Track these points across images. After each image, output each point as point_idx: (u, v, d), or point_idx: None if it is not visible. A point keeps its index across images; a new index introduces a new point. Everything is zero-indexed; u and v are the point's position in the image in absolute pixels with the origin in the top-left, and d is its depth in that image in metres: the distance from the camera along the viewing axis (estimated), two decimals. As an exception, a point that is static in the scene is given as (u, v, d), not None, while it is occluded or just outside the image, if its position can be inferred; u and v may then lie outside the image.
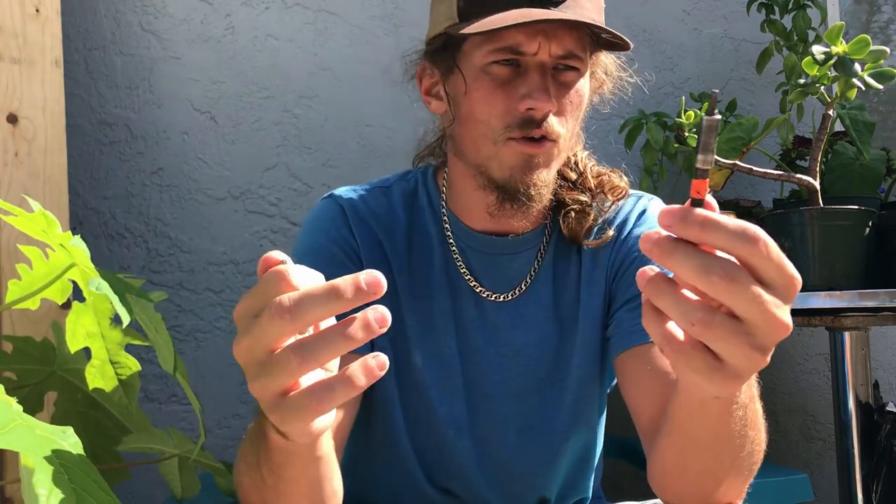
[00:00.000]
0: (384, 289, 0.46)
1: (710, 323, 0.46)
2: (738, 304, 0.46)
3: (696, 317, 0.46)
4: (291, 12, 1.76)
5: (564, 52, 0.85)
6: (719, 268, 0.45)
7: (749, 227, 0.46)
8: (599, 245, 0.96)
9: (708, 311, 0.46)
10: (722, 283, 0.45)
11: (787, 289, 0.47)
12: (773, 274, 0.46)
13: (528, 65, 0.85)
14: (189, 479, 0.87)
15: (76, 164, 1.59)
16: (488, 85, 0.86)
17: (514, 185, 0.87)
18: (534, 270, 0.98)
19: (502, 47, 0.84)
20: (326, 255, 0.94)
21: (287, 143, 1.74)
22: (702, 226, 0.45)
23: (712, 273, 0.45)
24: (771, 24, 1.85)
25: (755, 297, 0.45)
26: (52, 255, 0.70)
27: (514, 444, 0.96)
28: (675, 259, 0.46)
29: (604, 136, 1.90)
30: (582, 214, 0.95)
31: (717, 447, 0.68)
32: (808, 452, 2.12)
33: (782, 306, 0.47)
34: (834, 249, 1.45)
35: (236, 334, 0.49)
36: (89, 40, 1.64)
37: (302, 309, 0.45)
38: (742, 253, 0.45)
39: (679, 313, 0.47)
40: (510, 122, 0.85)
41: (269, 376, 0.47)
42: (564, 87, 0.87)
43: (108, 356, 0.72)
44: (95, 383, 0.70)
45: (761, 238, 0.45)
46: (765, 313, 0.46)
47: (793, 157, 1.74)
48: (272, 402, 0.48)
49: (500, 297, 0.96)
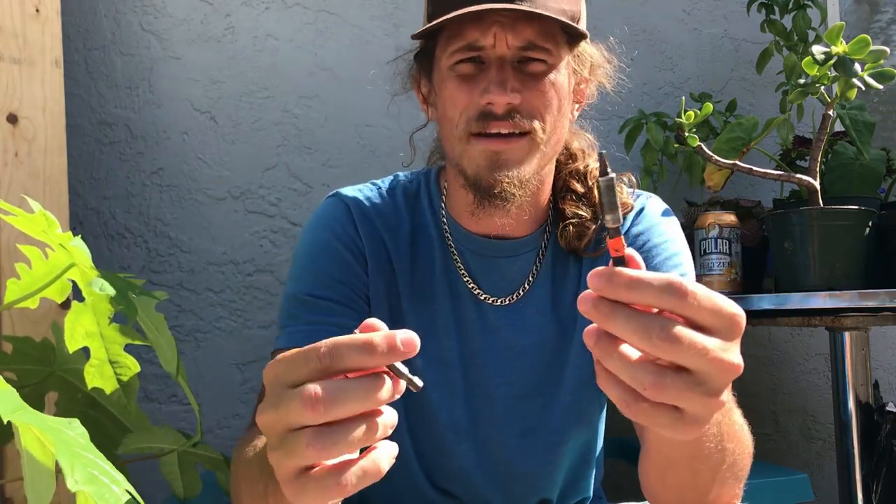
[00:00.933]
0: (417, 350, 0.46)
1: (661, 385, 0.46)
2: (684, 359, 0.46)
3: (648, 381, 0.46)
4: (291, 12, 1.76)
5: (524, 43, 0.84)
6: (658, 328, 0.45)
7: (674, 281, 0.46)
8: (599, 255, 0.96)
9: (657, 372, 0.46)
10: (663, 343, 0.45)
11: (730, 329, 0.47)
12: (711, 320, 0.46)
13: (490, 60, 0.85)
14: (191, 479, 0.87)
15: (76, 164, 1.60)
16: (453, 83, 0.87)
17: (484, 183, 0.87)
18: (533, 274, 0.97)
19: (462, 46, 0.85)
20: (332, 253, 0.94)
21: (287, 143, 1.74)
22: (628, 287, 0.46)
23: (651, 335, 0.45)
24: (771, 24, 1.85)
25: (698, 349, 0.45)
26: (51, 255, 0.70)
27: (514, 446, 0.96)
28: (615, 323, 0.46)
29: (604, 136, 1.90)
30: (581, 228, 0.95)
31: (694, 465, 0.69)
32: (808, 452, 2.12)
33: (729, 348, 0.47)
34: (834, 249, 1.45)
35: (265, 395, 0.47)
36: (89, 40, 1.64)
37: (337, 363, 0.45)
38: (673, 308, 0.46)
39: (630, 378, 0.47)
40: (471, 116, 0.85)
41: (286, 455, 0.46)
42: (532, 78, 0.86)
43: (108, 356, 0.72)
44: (94, 383, 0.70)
45: (688, 289, 0.45)
46: (712, 361, 0.46)
47: (793, 157, 1.74)
48: (289, 477, 0.47)
49: (500, 301, 0.96)
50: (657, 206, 1.01)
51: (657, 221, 0.98)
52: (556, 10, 0.84)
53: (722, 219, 1.63)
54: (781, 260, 1.53)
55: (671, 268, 0.93)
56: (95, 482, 0.44)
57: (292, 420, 0.45)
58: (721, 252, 1.62)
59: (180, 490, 0.86)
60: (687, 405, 0.47)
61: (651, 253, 0.94)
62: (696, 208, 1.83)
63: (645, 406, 0.48)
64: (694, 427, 0.49)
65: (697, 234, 1.65)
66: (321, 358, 0.45)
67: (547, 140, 0.88)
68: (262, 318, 1.69)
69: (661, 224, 0.98)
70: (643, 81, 2.02)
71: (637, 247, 0.95)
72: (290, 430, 0.46)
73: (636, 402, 0.48)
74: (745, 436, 0.75)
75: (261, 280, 1.70)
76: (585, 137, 1.03)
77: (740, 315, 0.48)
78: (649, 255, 0.94)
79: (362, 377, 0.46)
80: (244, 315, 1.69)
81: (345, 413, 0.45)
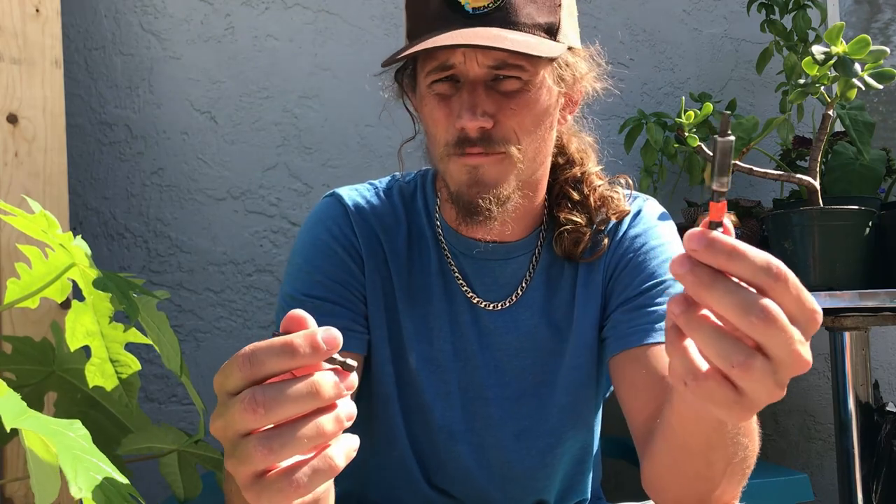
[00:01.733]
0: (339, 346, 0.45)
1: (749, 366, 0.45)
2: (771, 343, 0.45)
3: (738, 360, 0.45)
4: (291, 12, 1.76)
5: (496, 63, 0.83)
6: (759, 308, 0.44)
7: (773, 262, 0.45)
8: (595, 259, 0.96)
9: (749, 353, 0.45)
10: (760, 324, 0.44)
11: (809, 323, 0.47)
12: (795, 310, 0.46)
13: (464, 80, 0.84)
14: (191, 479, 0.87)
15: (76, 164, 1.60)
16: (432, 102, 0.87)
17: (465, 199, 0.86)
18: (527, 278, 0.97)
19: (436, 66, 0.85)
20: (328, 253, 0.94)
21: (287, 143, 1.74)
22: (729, 255, 0.45)
23: (751, 313, 0.44)
24: (771, 24, 1.85)
25: (788, 336, 0.45)
26: (51, 255, 0.70)
27: (510, 448, 0.96)
28: (715, 294, 0.45)
29: (604, 136, 1.90)
30: (577, 235, 0.95)
31: (710, 454, 0.68)
32: (808, 452, 2.12)
33: (805, 342, 0.46)
34: (834, 249, 1.45)
35: (217, 404, 0.47)
36: (89, 40, 1.64)
37: (258, 370, 0.44)
38: (766, 287, 0.45)
39: (719, 354, 0.46)
40: (449, 139, 0.85)
41: (239, 462, 0.45)
42: (506, 97, 0.84)
43: (108, 355, 0.72)
44: (95, 382, 0.70)
45: (785, 274, 0.45)
46: (792, 353, 0.46)
47: (792, 157, 1.74)
48: (246, 482, 0.46)
49: (494, 305, 0.96)
50: (654, 208, 1.01)
51: (654, 224, 0.98)
52: (529, 26, 0.82)
53: (722, 219, 1.63)
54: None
55: (668, 270, 0.93)
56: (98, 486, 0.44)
57: (238, 427, 0.45)
58: (721, 252, 1.62)
59: (180, 491, 0.85)
60: (755, 390, 0.47)
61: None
62: (696, 208, 1.83)
63: (710, 384, 0.47)
64: (748, 412, 0.48)
65: (697, 234, 1.65)
66: (241, 367, 0.45)
67: (524, 159, 0.86)
68: (262, 318, 1.69)
69: (658, 227, 0.98)
70: (643, 81, 2.02)
71: (634, 249, 0.95)
72: (239, 435, 0.45)
73: (704, 378, 0.47)
74: (757, 435, 0.75)
75: (261, 280, 1.70)
76: (584, 139, 1.02)
77: (820, 313, 0.47)
78: (646, 258, 0.94)
79: (302, 376, 0.45)
80: (244, 315, 1.69)
81: (287, 414, 0.44)
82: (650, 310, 0.90)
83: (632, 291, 0.92)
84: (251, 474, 0.46)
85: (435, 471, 0.98)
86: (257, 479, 0.46)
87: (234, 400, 0.45)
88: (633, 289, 0.92)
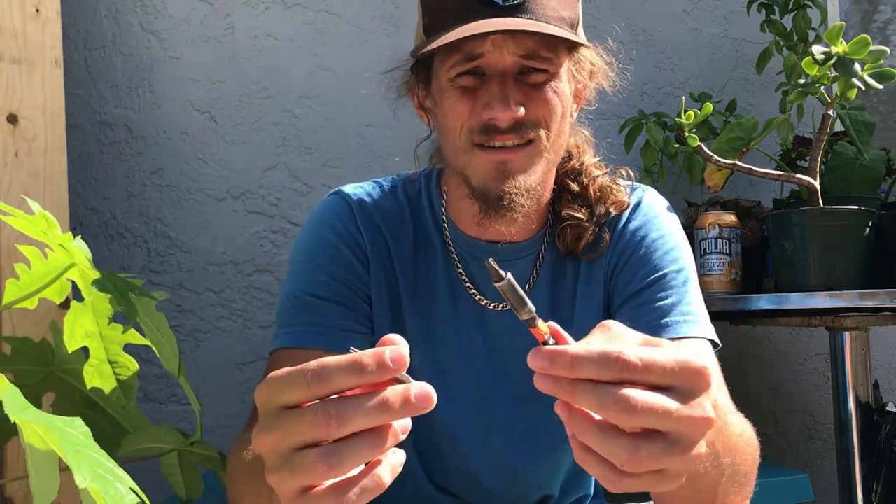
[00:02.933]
0: (406, 366, 0.46)
1: (637, 458, 0.46)
2: (647, 423, 0.46)
3: (623, 457, 0.46)
4: (291, 12, 1.76)
5: (526, 52, 0.83)
6: (612, 399, 0.45)
7: (611, 351, 0.46)
8: (597, 255, 0.96)
9: (631, 445, 0.46)
10: (620, 413, 0.45)
11: (692, 384, 0.47)
12: (667, 380, 0.46)
13: (492, 72, 0.84)
14: (192, 480, 0.86)
15: (76, 164, 1.60)
16: (454, 96, 0.86)
17: (491, 193, 0.86)
18: (532, 278, 0.97)
19: (461, 58, 0.84)
20: (332, 252, 0.94)
21: (287, 143, 1.74)
22: (570, 365, 0.46)
23: (607, 407, 0.45)
24: (771, 24, 1.85)
25: (659, 412, 0.45)
26: (51, 255, 0.70)
27: (515, 448, 0.96)
28: (579, 400, 0.46)
29: (603, 136, 1.89)
30: (579, 230, 0.94)
31: (692, 482, 0.68)
32: (808, 452, 2.12)
33: (695, 403, 0.46)
34: (834, 249, 1.45)
35: (259, 420, 0.47)
36: (89, 40, 1.64)
37: (326, 385, 0.45)
38: (617, 378, 0.46)
39: (608, 453, 0.47)
40: (473, 127, 0.84)
41: (291, 475, 0.45)
42: (534, 89, 0.85)
43: (107, 356, 0.71)
44: (93, 383, 0.70)
45: (625, 358, 0.46)
46: (678, 420, 0.46)
47: (792, 157, 1.74)
48: (291, 497, 0.46)
49: (500, 306, 0.96)
50: (654, 199, 1.00)
51: (654, 215, 0.97)
52: (555, 19, 0.83)
53: (722, 219, 1.63)
54: (781, 260, 1.53)
55: (670, 262, 0.92)
56: (101, 480, 0.44)
57: (299, 440, 0.45)
58: (721, 252, 1.62)
59: (182, 492, 0.85)
60: (665, 465, 0.47)
61: (649, 248, 0.93)
62: (696, 208, 1.83)
63: (629, 480, 0.47)
64: (676, 480, 0.49)
65: (697, 234, 1.65)
66: (310, 382, 0.45)
67: (550, 147, 0.87)
68: (262, 318, 1.70)
69: (659, 218, 0.97)
70: (643, 81, 2.02)
71: (635, 242, 0.94)
72: (294, 449, 0.45)
73: (621, 479, 0.47)
74: (746, 443, 0.74)
75: (261, 280, 1.70)
76: (581, 133, 1.02)
77: (700, 368, 0.47)
78: (647, 251, 0.93)
79: (371, 392, 0.45)
80: (244, 315, 1.69)
81: (356, 428, 0.45)
82: (655, 305, 0.89)
83: (635, 286, 0.92)
84: (299, 489, 0.46)
85: (439, 471, 0.98)
86: (303, 495, 0.46)
87: (298, 413, 0.45)
88: (637, 283, 0.92)
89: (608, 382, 0.46)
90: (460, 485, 0.97)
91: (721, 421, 0.67)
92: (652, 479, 0.48)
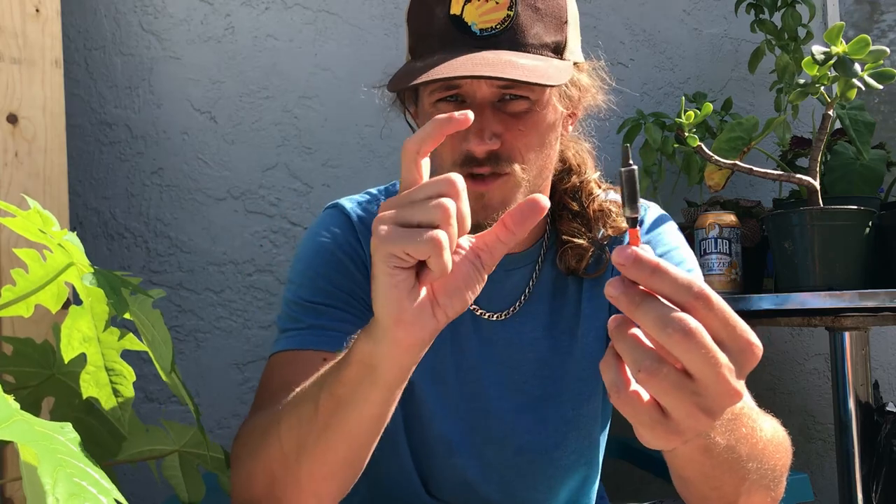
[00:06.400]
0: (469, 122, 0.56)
1: (656, 372, 0.46)
2: (691, 360, 0.46)
3: (644, 364, 0.46)
4: (291, 12, 1.76)
5: (504, 84, 0.81)
6: (675, 322, 0.46)
7: (695, 283, 0.47)
8: (599, 274, 0.95)
9: (657, 360, 0.47)
10: (678, 336, 0.45)
11: (742, 354, 0.47)
12: (724, 335, 0.47)
13: (470, 101, 0.83)
14: (194, 482, 0.86)
15: (76, 164, 1.59)
16: None
17: (472, 222, 0.85)
18: (528, 290, 0.97)
19: (441, 86, 0.84)
20: (331, 260, 0.94)
21: (287, 143, 1.74)
22: (652, 272, 0.47)
23: (669, 326, 0.46)
24: (761, 23, 1.85)
25: (708, 356, 0.46)
26: (49, 257, 0.69)
27: (511, 462, 0.96)
28: (640, 310, 0.47)
29: (603, 136, 1.90)
30: (580, 251, 0.94)
31: (710, 483, 0.67)
32: (808, 452, 2.12)
33: (733, 371, 0.47)
34: (834, 249, 1.45)
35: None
36: (89, 40, 1.64)
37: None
38: (687, 305, 0.47)
39: (630, 358, 0.48)
40: (455, 160, 0.83)
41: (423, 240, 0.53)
42: (513, 118, 0.83)
43: (104, 362, 0.70)
44: (89, 392, 0.69)
45: (706, 295, 0.47)
46: (717, 375, 0.46)
47: (790, 157, 1.74)
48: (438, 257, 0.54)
49: (496, 316, 0.96)
50: (655, 215, 1.00)
51: (658, 231, 0.97)
52: (537, 47, 0.81)
53: (722, 219, 1.63)
54: (781, 260, 1.53)
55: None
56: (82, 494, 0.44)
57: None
58: (721, 252, 1.62)
59: (184, 494, 0.85)
60: (674, 408, 0.47)
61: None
62: (696, 208, 1.83)
63: (632, 395, 0.48)
64: (671, 437, 0.48)
65: (697, 234, 1.65)
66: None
67: (528, 177, 0.86)
68: (262, 318, 1.69)
69: (663, 233, 0.97)
70: (643, 81, 2.02)
71: None
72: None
73: (626, 388, 0.48)
74: (776, 447, 0.73)
75: (261, 280, 1.70)
76: (582, 145, 1.00)
77: (758, 346, 0.48)
78: None
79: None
80: (244, 315, 1.69)
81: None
82: None
83: None
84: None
85: (435, 482, 0.97)
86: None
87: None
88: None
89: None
90: (457, 497, 0.97)
91: (748, 427, 0.67)
92: (651, 414, 0.48)
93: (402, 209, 0.55)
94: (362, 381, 0.61)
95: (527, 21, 0.81)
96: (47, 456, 0.44)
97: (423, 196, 0.55)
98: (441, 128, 0.56)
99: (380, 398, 0.63)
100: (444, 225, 0.54)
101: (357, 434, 0.65)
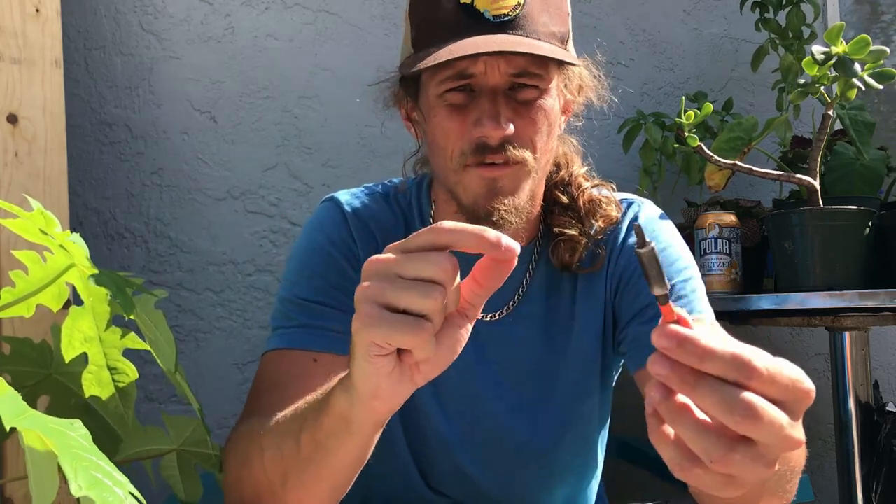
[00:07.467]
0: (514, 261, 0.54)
1: (729, 460, 0.45)
2: (759, 435, 0.45)
3: (717, 454, 0.45)
4: (291, 12, 1.76)
5: (517, 71, 0.83)
6: (742, 407, 0.44)
7: (742, 355, 0.45)
8: (594, 271, 0.95)
9: (728, 447, 0.45)
10: (745, 421, 0.44)
11: (799, 403, 0.46)
12: (780, 395, 0.46)
13: (481, 89, 0.83)
14: (191, 482, 0.86)
15: (76, 164, 1.59)
16: (444, 112, 0.85)
17: (480, 210, 0.85)
18: (522, 289, 0.96)
19: (452, 75, 0.84)
20: (326, 257, 0.94)
21: (287, 143, 1.74)
22: (700, 357, 0.45)
23: (735, 412, 0.44)
24: (765, 22, 1.84)
25: (776, 428, 0.45)
26: (49, 258, 0.69)
27: (509, 461, 0.96)
28: (698, 393, 0.45)
29: (602, 136, 1.90)
30: (572, 245, 0.94)
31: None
32: (808, 452, 2.12)
33: (796, 424, 0.46)
34: (834, 249, 1.45)
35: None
36: (89, 40, 1.64)
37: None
38: (741, 381, 0.45)
39: (699, 448, 0.46)
40: (465, 148, 0.84)
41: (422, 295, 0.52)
42: (523, 106, 0.84)
43: (106, 361, 0.70)
44: (91, 391, 0.69)
45: (754, 366, 0.45)
46: (783, 438, 0.45)
47: (790, 157, 1.74)
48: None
49: (489, 316, 0.96)
50: (650, 212, 0.99)
51: (653, 228, 0.97)
52: (546, 35, 0.82)
53: (722, 219, 1.63)
54: (781, 260, 1.53)
55: (675, 273, 0.92)
56: (98, 485, 0.44)
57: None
58: (721, 252, 1.62)
59: (182, 493, 0.85)
60: (743, 474, 0.47)
61: None
62: (696, 208, 1.83)
63: (699, 472, 0.47)
64: (741, 489, 0.48)
65: (697, 234, 1.65)
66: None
67: (538, 166, 0.87)
68: (262, 318, 1.69)
69: (658, 231, 0.97)
70: (643, 81, 2.02)
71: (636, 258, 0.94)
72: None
73: (693, 467, 0.47)
74: (800, 454, 0.74)
75: (261, 280, 1.70)
76: (570, 142, 1.01)
77: (809, 390, 0.47)
78: None
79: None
80: (244, 315, 1.69)
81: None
82: None
83: (644, 300, 0.91)
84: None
85: (437, 479, 0.97)
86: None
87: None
88: (645, 298, 0.91)
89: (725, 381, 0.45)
90: (457, 491, 0.97)
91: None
92: (720, 481, 0.47)
93: (390, 287, 0.52)
94: (340, 432, 0.62)
95: (536, 9, 0.82)
96: (64, 450, 0.45)
97: (413, 274, 0.52)
98: (481, 244, 0.53)
99: (358, 444, 0.64)
100: (432, 314, 0.52)
101: (340, 468, 0.67)
